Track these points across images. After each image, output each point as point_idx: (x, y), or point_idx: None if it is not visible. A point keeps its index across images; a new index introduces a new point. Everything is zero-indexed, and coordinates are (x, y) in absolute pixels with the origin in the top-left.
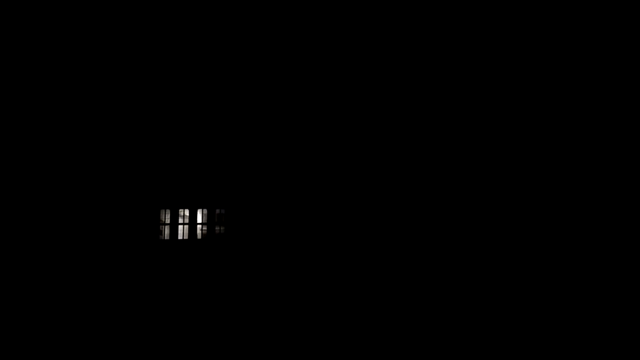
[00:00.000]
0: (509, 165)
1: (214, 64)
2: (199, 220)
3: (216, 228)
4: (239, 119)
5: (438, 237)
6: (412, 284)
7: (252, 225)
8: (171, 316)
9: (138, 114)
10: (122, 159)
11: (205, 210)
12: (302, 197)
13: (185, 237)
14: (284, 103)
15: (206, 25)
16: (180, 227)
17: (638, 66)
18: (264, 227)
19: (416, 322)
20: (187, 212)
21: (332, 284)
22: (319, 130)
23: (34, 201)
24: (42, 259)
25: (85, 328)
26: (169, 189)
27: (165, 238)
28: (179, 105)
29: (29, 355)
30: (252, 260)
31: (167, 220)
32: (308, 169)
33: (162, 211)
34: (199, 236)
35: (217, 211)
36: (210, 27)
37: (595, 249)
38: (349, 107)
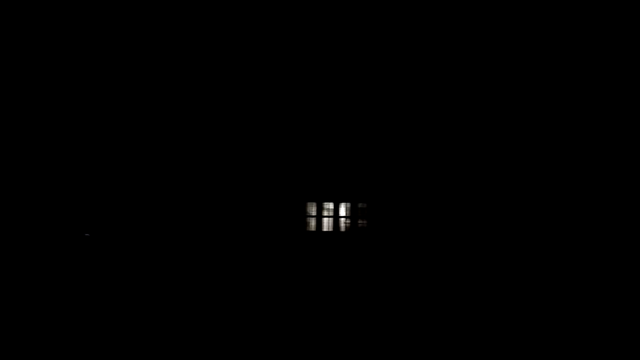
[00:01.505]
0: (509, 165)
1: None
2: (342, 213)
3: (359, 221)
4: (382, 116)
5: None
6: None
7: (393, 220)
8: (317, 301)
9: (289, 114)
10: (276, 158)
11: (348, 204)
12: (441, 195)
13: (330, 229)
14: (422, 98)
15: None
16: (325, 219)
17: (638, 66)
18: (405, 221)
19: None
20: (331, 206)
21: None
22: (462, 125)
23: (192, 195)
24: (206, 247)
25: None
26: (315, 184)
27: (311, 230)
28: (322, 104)
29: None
30: (392, 254)
31: (313, 213)
32: (448, 167)
33: (309, 204)
34: (342, 229)
35: (360, 205)
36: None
37: (595, 249)
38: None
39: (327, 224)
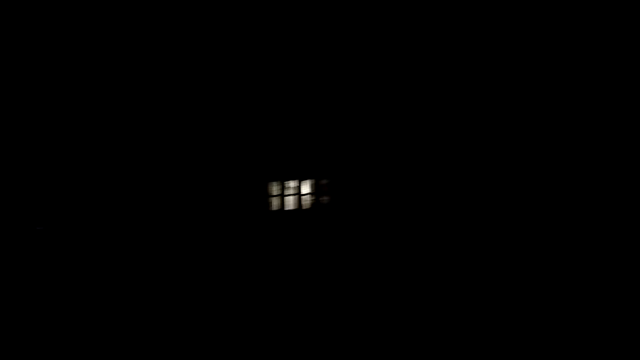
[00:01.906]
0: (509, 164)
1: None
2: (305, 191)
3: (321, 198)
4: (341, 92)
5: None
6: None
7: (355, 195)
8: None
9: (246, 93)
10: (236, 138)
11: (310, 182)
12: (403, 168)
13: (293, 207)
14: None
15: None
16: (288, 198)
17: (638, 66)
18: (368, 196)
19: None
20: (293, 184)
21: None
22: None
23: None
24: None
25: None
26: (277, 162)
27: (275, 208)
28: (281, 81)
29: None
30: (354, 229)
31: (276, 192)
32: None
33: (271, 184)
34: (305, 206)
35: (322, 182)
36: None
37: (595, 249)
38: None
39: (289, 202)
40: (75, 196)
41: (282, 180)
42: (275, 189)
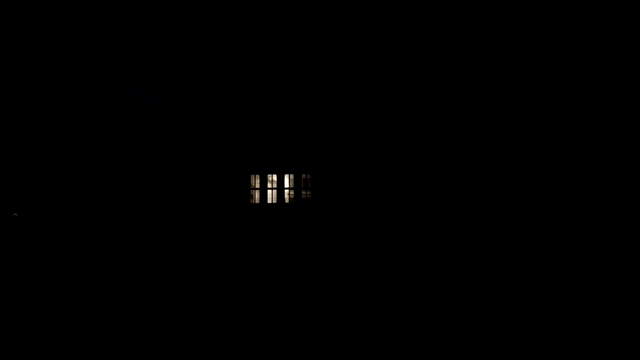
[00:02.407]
0: (509, 165)
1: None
2: (286, 185)
3: (302, 192)
4: (323, 86)
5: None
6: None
7: (337, 190)
8: (263, 273)
9: (232, 85)
10: (217, 129)
11: (292, 176)
12: (384, 163)
13: (274, 201)
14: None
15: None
16: (269, 191)
17: (638, 66)
18: (349, 191)
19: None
20: (275, 178)
21: (417, 258)
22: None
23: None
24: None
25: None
26: (258, 155)
27: (256, 202)
28: (265, 76)
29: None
30: (336, 224)
31: (257, 186)
32: (392, 145)
33: (252, 177)
34: (287, 200)
35: (304, 176)
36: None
37: (596, 249)
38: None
39: (271, 196)
40: (51, 188)
41: (264, 173)
42: (256, 181)
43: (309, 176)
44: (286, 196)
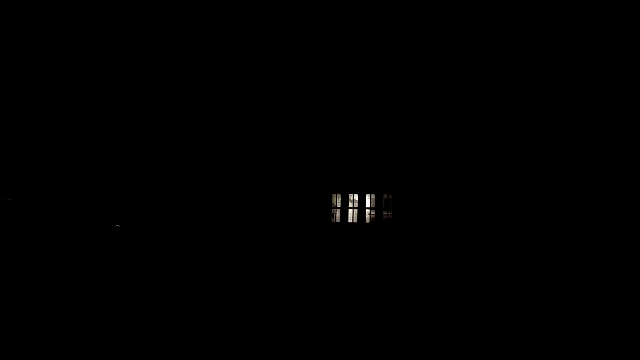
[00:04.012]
0: (511, 165)
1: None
2: (367, 204)
3: (384, 213)
4: (406, 109)
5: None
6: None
7: (418, 211)
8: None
9: (315, 107)
10: (301, 149)
11: (373, 196)
12: (466, 186)
13: (355, 220)
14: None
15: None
16: (350, 211)
17: (638, 66)
18: (430, 213)
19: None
20: (356, 197)
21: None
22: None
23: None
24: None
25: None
26: (340, 175)
27: (337, 221)
28: (348, 98)
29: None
30: (417, 246)
31: (338, 205)
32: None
33: (334, 195)
34: (367, 220)
35: (385, 196)
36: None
37: (596, 249)
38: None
39: (352, 216)
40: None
41: (345, 192)
42: (337, 200)
43: (390, 196)
44: (367, 216)
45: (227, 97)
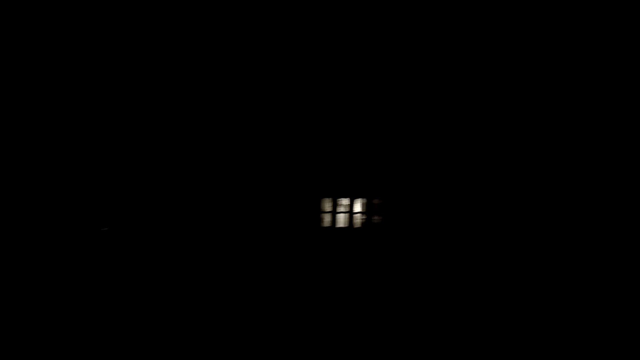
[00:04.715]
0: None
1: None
2: (357, 209)
3: (374, 217)
4: (397, 113)
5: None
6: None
7: (408, 216)
8: (332, 296)
9: (304, 111)
10: (291, 154)
11: (364, 200)
12: (458, 191)
13: (345, 225)
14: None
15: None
16: (340, 215)
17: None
18: (420, 217)
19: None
20: (346, 201)
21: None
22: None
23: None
24: (223, 240)
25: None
26: (330, 180)
27: (326, 225)
28: (337, 101)
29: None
30: (407, 250)
31: (328, 209)
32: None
33: (324, 200)
34: (358, 224)
35: (375, 201)
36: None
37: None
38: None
39: (342, 220)
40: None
41: (335, 197)
42: (327, 205)
43: (380, 201)
44: (356, 220)
45: (217, 100)
